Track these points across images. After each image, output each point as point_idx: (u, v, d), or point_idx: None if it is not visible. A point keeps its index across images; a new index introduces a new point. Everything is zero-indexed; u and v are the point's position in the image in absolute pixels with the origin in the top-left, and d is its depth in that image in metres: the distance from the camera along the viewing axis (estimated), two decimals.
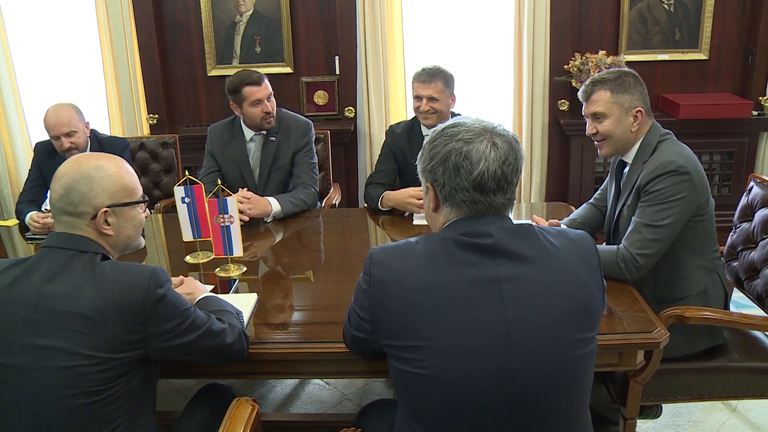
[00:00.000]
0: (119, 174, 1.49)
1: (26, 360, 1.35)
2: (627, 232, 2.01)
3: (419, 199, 2.61)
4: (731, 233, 2.43)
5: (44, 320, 1.35)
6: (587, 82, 2.12)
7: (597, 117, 2.09)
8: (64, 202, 1.44)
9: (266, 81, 2.82)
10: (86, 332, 1.34)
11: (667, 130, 2.11)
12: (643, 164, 2.04)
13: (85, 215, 1.44)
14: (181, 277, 1.85)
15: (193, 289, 1.78)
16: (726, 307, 2.13)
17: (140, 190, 1.56)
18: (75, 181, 1.44)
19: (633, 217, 2.02)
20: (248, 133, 2.92)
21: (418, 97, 2.74)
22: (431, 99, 2.71)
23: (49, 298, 1.36)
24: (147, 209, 1.64)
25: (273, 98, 2.85)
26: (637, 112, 2.05)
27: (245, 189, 2.71)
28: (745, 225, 2.36)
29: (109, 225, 1.47)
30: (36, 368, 1.34)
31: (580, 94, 2.14)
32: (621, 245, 1.99)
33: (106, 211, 1.45)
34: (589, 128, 2.13)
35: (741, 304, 3.01)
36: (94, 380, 1.35)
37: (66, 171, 1.45)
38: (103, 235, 1.47)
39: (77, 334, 1.34)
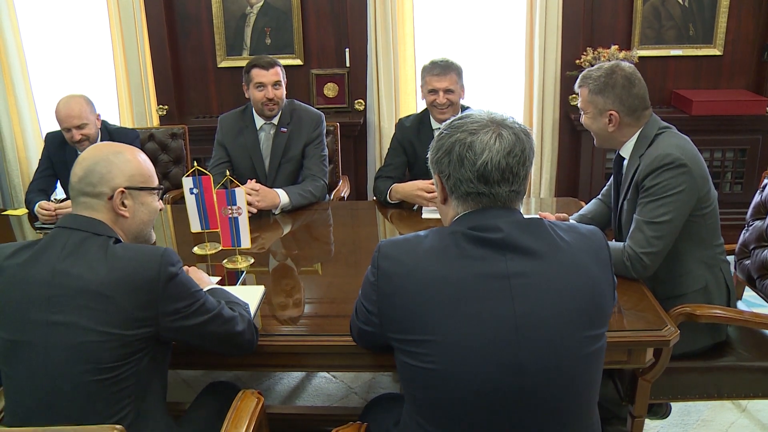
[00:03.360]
0: (137, 159, 1.58)
1: (39, 336, 1.38)
2: (630, 231, 1.97)
3: (428, 192, 2.60)
4: (744, 231, 2.40)
5: (58, 296, 1.38)
6: (583, 72, 2.12)
7: (581, 110, 2.13)
8: (83, 183, 1.50)
9: (278, 69, 2.83)
10: (98, 308, 1.37)
11: (667, 123, 2.06)
12: (640, 158, 2.00)
13: (102, 195, 1.50)
14: (187, 267, 1.86)
15: (198, 280, 1.78)
16: (729, 303, 2.08)
17: (156, 181, 1.64)
18: (95, 163, 1.51)
19: (634, 215, 1.98)
20: (259, 122, 2.92)
21: (433, 91, 2.72)
22: (447, 91, 2.71)
23: (64, 275, 1.39)
24: (161, 201, 1.69)
25: (281, 88, 2.84)
26: (610, 115, 2.03)
27: (254, 180, 2.71)
28: (758, 223, 2.33)
29: (125, 207, 1.53)
30: (49, 345, 1.37)
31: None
32: (626, 244, 1.96)
33: (123, 192, 1.52)
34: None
35: (752, 302, 2.98)
36: (106, 357, 1.38)
37: (87, 155, 1.54)
38: (118, 218, 1.53)
39: (90, 311, 1.37)
